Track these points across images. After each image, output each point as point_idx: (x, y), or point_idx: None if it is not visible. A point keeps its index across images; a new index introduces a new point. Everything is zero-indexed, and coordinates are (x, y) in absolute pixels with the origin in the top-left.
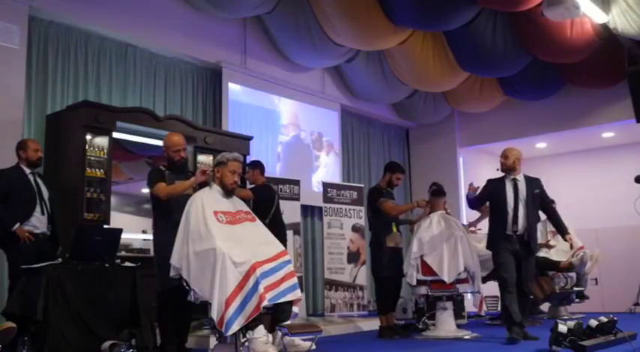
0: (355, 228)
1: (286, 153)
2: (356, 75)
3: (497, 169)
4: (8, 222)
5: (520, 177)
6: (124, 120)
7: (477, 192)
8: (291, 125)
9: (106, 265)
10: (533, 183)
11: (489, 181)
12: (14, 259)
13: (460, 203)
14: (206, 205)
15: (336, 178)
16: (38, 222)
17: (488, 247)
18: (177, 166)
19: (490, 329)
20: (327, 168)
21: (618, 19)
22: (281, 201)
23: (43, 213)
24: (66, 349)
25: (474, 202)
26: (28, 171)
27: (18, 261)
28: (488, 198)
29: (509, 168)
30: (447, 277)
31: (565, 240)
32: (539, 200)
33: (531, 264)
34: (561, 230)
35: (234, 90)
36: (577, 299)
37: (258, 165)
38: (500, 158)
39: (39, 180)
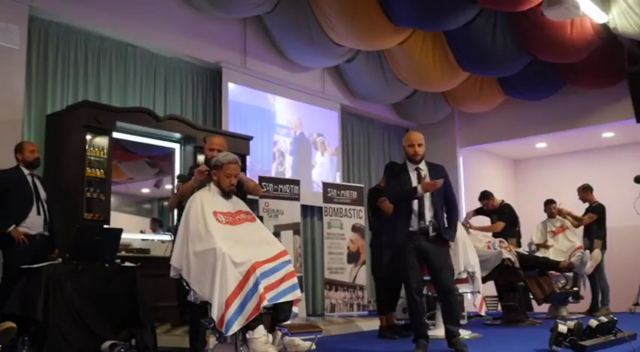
0: (355, 228)
1: (290, 151)
2: (356, 75)
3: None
4: (4, 222)
5: (423, 166)
6: (124, 120)
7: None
8: (290, 124)
9: (106, 265)
10: (436, 170)
11: (391, 171)
12: (8, 259)
13: (460, 203)
14: (206, 205)
15: (330, 178)
16: (34, 223)
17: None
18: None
19: (490, 329)
20: (322, 167)
21: (618, 19)
22: (281, 201)
23: (39, 214)
24: (66, 349)
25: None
26: (26, 172)
27: (12, 261)
28: None
29: (423, 156)
30: None
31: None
32: (443, 189)
33: (443, 255)
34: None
35: (234, 90)
36: (572, 300)
37: None
38: (414, 146)
39: (37, 182)
